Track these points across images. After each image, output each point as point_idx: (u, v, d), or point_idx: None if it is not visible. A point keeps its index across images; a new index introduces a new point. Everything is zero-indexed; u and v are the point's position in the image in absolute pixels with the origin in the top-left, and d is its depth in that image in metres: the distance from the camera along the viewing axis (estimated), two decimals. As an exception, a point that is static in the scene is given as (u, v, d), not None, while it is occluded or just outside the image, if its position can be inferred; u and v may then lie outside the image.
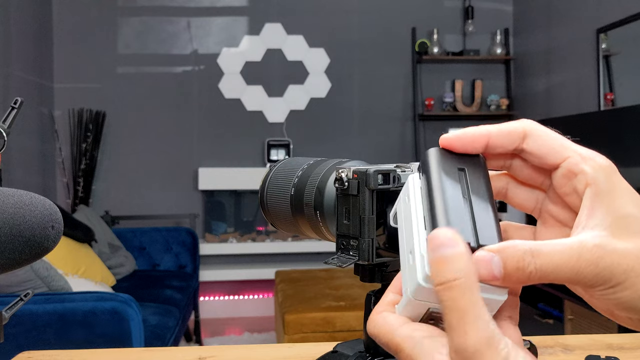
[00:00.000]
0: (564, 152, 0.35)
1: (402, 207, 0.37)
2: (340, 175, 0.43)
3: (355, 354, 0.48)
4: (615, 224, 0.33)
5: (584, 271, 0.31)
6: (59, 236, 0.49)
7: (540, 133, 0.36)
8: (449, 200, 0.33)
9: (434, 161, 0.35)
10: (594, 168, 0.34)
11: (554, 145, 0.35)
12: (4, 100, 3.20)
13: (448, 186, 0.34)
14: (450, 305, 0.29)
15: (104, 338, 1.87)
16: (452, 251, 0.29)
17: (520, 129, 0.36)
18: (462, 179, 0.35)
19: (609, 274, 0.32)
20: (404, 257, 0.35)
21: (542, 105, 4.09)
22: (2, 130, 0.52)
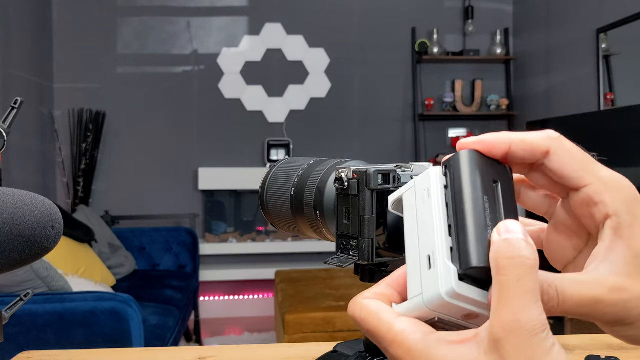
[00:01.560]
0: (586, 178, 0.34)
1: (415, 201, 0.34)
2: (340, 175, 0.43)
3: (355, 354, 0.48)
4: (633, 262, 0.32)
5: (602, 311, 0.32)
6: (59, 236, 0.49)
7: (563, 153, 0.34)
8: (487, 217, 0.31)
9: (470, 165, 0.33)
10: (615, 199, 0.33)
11: (576, 168, 0.34)
12: (4, 100, 3.20)
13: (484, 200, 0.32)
14: (511, 281, 0.28)
15: (104, 338, 1.87)
16: (526, 239, 0.30)
17: (544, 147, 0.34)
18: (496, 193, 0.33)
19: (624, 315, 0.32)
20: (415, 258, 0.33)
21: (542, 105, 4.09)
22: (2, 130, 0.52)
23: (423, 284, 0.31)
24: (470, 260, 0.30)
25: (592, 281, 0.32)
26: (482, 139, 0.35)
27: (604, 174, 0.34)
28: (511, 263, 0.29)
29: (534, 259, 0.29)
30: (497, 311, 0.29)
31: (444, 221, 0.32)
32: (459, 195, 0.32)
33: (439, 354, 0.30)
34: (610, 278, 0.32)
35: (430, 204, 0.33)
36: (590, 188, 0.34)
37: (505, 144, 0.34)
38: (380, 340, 0.32)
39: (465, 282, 0.30)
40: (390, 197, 0.37)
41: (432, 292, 0.30)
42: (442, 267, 0.30)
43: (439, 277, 0.30)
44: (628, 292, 0.32)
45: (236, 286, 4.23)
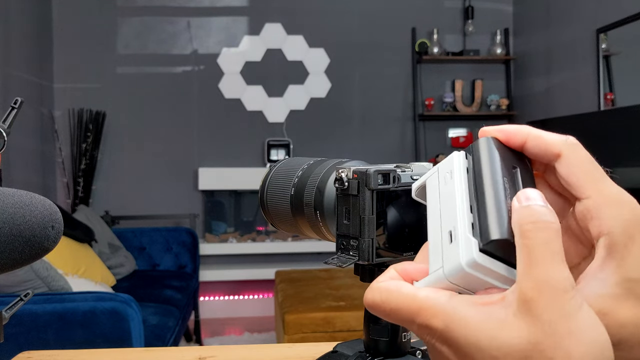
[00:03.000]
0: (588, 190, 0.33)
1: (437, 183, 0.35)
2: (340, 175, 0.43)
3: (355, 354, 0.48)
4: (621, 285, 0.32)
5: None
6: (59, 236, 0.49)
7: (573, 160, 0.34)
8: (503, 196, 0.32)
9: (490, 150, 0.34)
10: (612, 217, 0.32)
11: (582, 178, 0.34)
12: (4, 100, 3.20)
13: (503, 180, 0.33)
14: (542, 243, 0.29)
15: (104, 338, 1.87)
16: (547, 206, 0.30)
17: (557, 149, 0.34)
18: (516, 178, 0.34)
19: None
20: (437, 235, 0.33)
21: (542, 105, 4.09)
22: (2, 130, 0.52)
23: (444, 257, 0.32)
24: (491, 233, 0.31)
25: None
26: (503, 128, 0.35)
27: (608, 190, 0.33)
28: (536, 227, 0.29)
29: (557, 223, 0.30)
30: (526, 272, 0.29)
31: (466, 199, 0.33)
32: (479, 176, 0.33)
33: (467, 315, 0.30)
34: (593, 301, 0.32)
35: (453, 184, 0.34)
36: (590, 201, 0.33)
37: (523, 137, 0.35)
38: (405, 314, 0.32)
39: (488, 253, 0.31)
40: (414, 185, 0.37)
41: (454, 264, 0.31)
42: (463, 240, 0.31)
43: (460, 248, 0.31)
44: (608, 318, 0.31)
45: (236, 286, 4.23)
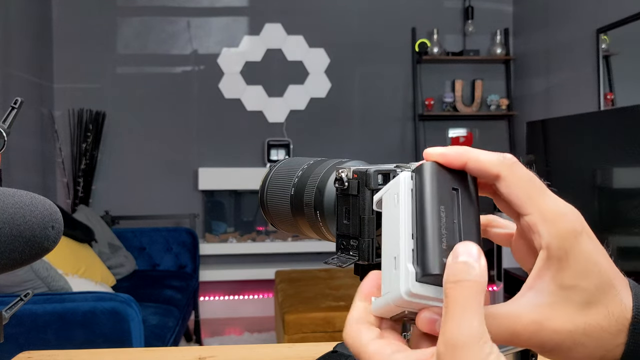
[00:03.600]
0: (528, 207, 0.36)
1: (389, 203, 0.37)
2: (340, 175, 0.43)
3: (355, 354, 0.48)
4: (557, 294, 0.35)
5: (519, 341, 0.35)
6: (59, 236, 0.49)
7: (511, 180, 0.36)
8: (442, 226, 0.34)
9: (430, 176, 0.36)
10: (550, 234, 0.35)
11: (521, 196, 0.36)
12: (4, 100, 3.20)
13: (442, 209, 0.35)
14: (456, 301, 0.31)
15: (104, 338, 1.87)
16: (474, 260, 0.32)
17: (495, 172, 0.36)
18: (455, 200, 0.36)
19: (541, 345, 0.35)
20: (387, 258, 0.36)
21: (542, 105, 4.09)
22: (2, 130, 0.52)
23: (391, 283, 0.35)
24: (427, 267, 0.34)
25: (510, 315, 0.35)
26: (444, 152, 0.37)
27: (546, 206, 0.35)
28: (456, 285, 0.31)
29: (480, 279, 0.31)
30: (441, 330, 0.31)
31: (409, 225, 0.35)
32: (420, 204, 0.35)
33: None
34: (529, 311, 0.35)
35: (398, 209, 0.36)
36: (530, 218, 0.36)
37: (462, 161, 0.37)
38: None
39: (424, 282, 0.34)
40: (375, 197, 0.40)
41: (395, 292, 0.34)
42: (403, 270, 0.34)
43: (401, 277, 0.34)
44: (543, 326, 0.35)
45: (236, 286, 4.23)
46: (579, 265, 0.35)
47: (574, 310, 0.35)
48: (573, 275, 0.35)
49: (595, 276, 0.35)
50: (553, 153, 3.41)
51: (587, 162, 2.94)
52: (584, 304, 0.35)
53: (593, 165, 2.92)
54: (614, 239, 2.77)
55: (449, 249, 0.34)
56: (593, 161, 2.92)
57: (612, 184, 2.85)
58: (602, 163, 2.88)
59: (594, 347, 0.36)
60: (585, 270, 0.35)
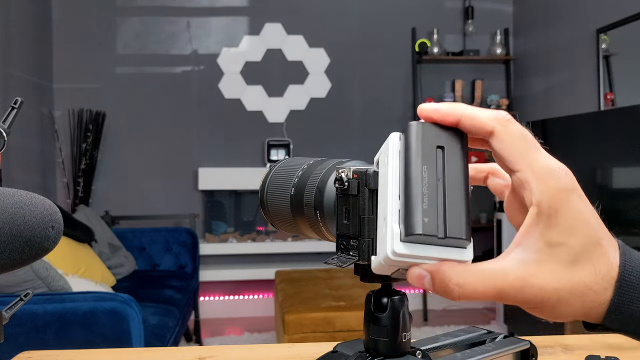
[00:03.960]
0: (520, 164, 0.36)
1: (381, 164, 0.38)
2: (340, 175, 0.43)
3: (355, 354, 0.48)
4: (544, 250, 0.35)
5: (505, 297, 0.35)
6: (59, 236, 0.49)
7: (505, 136, 0.36)
8: (424, 185, 0.35)
9: (414, 137, 0.36)
10: (540, 191, 0.35)
11: (513, 153, 0.36)
12: (4, 100, 3.20)
13: (424, 169, 0.35)
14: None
15: (104, 338, 1.87)
16: None
17: (489, 128, 0.36)
18: (440, 159, 0.36)
19: (526, 302, 0.36)
20: (379, 219, 0.37)
21: (542, 105, 4.09)
22: (2, 130, 0.52)
23: (381, 243, 0.37)
24: (409, 228, 0.35)
25: (497, 272, 0.35)
26: (438, 108, 0.37)
27: (538, 163, 0.36)
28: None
29: None
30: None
31: (396, 187, 0.36)
32: (405, 164, 0.36)
33: None
34: (515, 268, 0.35)
35: (387, 170, 0.37)
36: (522, 174, 0.36)
37: (456, 117, 0.37)
38: None
39: (408, 241, 0.35)
40: (375, 157, 0.41)
41: (384, 252, 0.36)
42: (389, 230, 0.35)
43: (387, 239, 0.35)
44: (528, 283, 0.35)
45: (236, 286, 4.23)
46: (567, 223, 0.35)
47: (560, 267, 0.35)
48: (561, 233, 0.35)
49: (583, 234, 0.35)
50: (553, 153, 3.40)
51: (587, 162, 2.94)
52: (570, 262, 0.35)
53: (593, 165, 2.92)
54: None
55: (430, 208, 0.34)
56: (593, 161, 2.92)
57: (612, 184, 2.85)
58: (602, 163, 2.88)
59: (579, 304, 0.36)
60: (574, 228, 0.35)
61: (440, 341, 0.59)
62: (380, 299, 0.46)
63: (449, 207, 0.35)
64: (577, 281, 0.35)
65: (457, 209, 0.35)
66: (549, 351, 0.88)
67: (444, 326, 3.88)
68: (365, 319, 0.47)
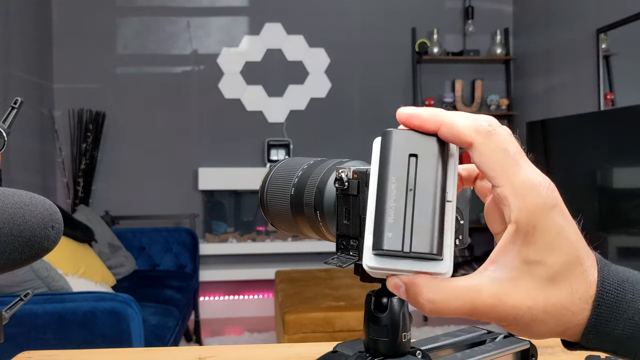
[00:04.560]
0: (500, 179, 0.35)
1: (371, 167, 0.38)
2: (340, 175, 0.43)
3: (355, 354, 0.48)
4: (519, 268, 0.35)
5: (478, 314, 0.35)
6: (59, 236, 0.49)
7: (484, 150, 0.35)
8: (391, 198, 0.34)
9: (387, 145, 0.36)
10: (519, 208, 0.34)
11: (493, 167, 0.35)
12: (4, 100, 3.20)
13: (392, 180, 0.35)
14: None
15: (104, 338, 1.87)
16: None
17: (469, 140, 0.35)
18: (413, 167, 0.35)
19: (499, 319, 0.35)
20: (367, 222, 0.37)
21: (542, 105, 4.09)
22: (2, 130, 0.52)
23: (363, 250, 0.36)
24: (377, 242, 0.34)
25: (470, 288, 0.35)
26: (417, 113, 0.36)
27: (519, 179, 0.34)
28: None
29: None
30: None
31: (373, 196, 0.36)
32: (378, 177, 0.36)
33: None
34: (489, 285, 0.35)
35: (370, 176, 0.37)
36: (501, 190, 0.35)
37: (436, 124, 0.36)
38: None
39: (378, 255, 0.35)
40: None
41: (363, 262, 0.36)
42: (366, 241, 0.35)
43: (364, 249, 0.35)
44: (501, 301, 0.34)
45: (236, 286, 4.23)
46: (545, 241, 0.34)
47: (536, 286, 0.34)
48: (539, 251, 0.34)
49: (563, 252, 0.34)
50: (553, 153, 3.41)
51: (587, 162, 2.94)
52: (546, 281, 0.35)
53: (593, 165, 2.92)
54: (613, 239, 2.77)
55: (396, 222, 0.34)
56: (593, 161, 2.92)
57: (612, 184, 2.85)
58: (602, 163, 2.88)
59: (554, 323, 0.35)
60: (552, 245, 0.34)
61: (440, 341, 0.59)
62: (380, 299, 0.46)
63: (416, 220, 0.34)
64: (553, 301, 0.35)
65: (425, 222, 0.34)
66: (549, 351, 0.88)
67: (444, 326, 3.87)
68: (365, 319, 0.47)
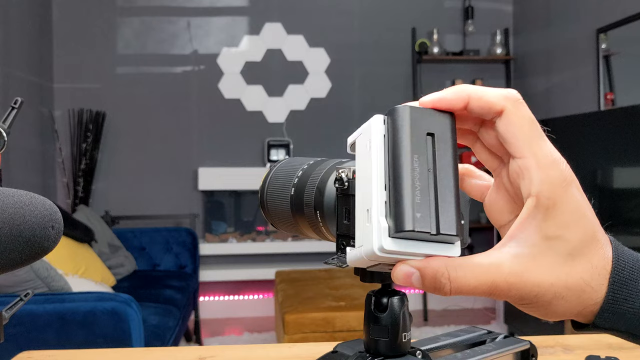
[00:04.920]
0: (523, 150, 0.34)
1: (361, 149, 0.35)
2: (340, 175, 0.43)
3: (355, 354, 0.48)
4: (540, 244, 0.34)
5: (498, 293, 0.33)
6: (59, 236, 0.49)
7: (513, 118, 0.35)
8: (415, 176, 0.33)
9: (403, 122, 0.34)
10: (541, 180, 0.34)
11: (519, 136, 0.34)
12: (4, 100, 3.20)
13: (415, 158, 0.33)
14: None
15: (104, 338, 1.87)
16: None
17: (499, 107, 0.35)
18: (430, 147, 0.34)
19: (520, 298, 0.34)
20: (359, 208, 0.34)
21: (542, 105, 4.09)
22: (2, 130, 0.52)
23: (364, 236, 0.33)
24: (399, 224, 0.32)
25: (490, 265, 0.33)
26: (441, 97, 0.35)
27: (542, 152, 0.34)
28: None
29: None
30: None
31: (381, 176, 0.33)
32: (392, 152, 0.33)
33: None
34: (510, 262, 0.33)
35: (370, 157, 0.34)
36: (523, 161, 0.34)
37: (464, 99, 0.35)
38: None
39: (397, 237, 0.32)
40: (349, 139, 0.38)
41: (368, 247, 0.33)
42: (375, 224, 0.32)
43: (374, 232, 0.32)
44: (523, 278, 0.33)
45: (236, 286, 4.23)
46: (565, 216, 0.34)
47: (557, 261, 0.34)
48: (558, 226, 0.34)
49: (581, 228, 0.34)
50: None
51: (587, 162, 2.94)
52: (567, 256, 0.34)
53: (593, 165, 2.92)
54: (614, 239, 2.76)
55: (422, 202, 0.32)
56: (593, 161, 2.92)
57: (612, 184, 2.85)
58: (602, 163, 2.88)
59: (575, 300, 0.35)
60: (571, 221, 0.34)
61: (441, 341, 0.59)
62: (380, 299, 0.46)
63: (440, 201, 0.33)
64: (575, 277, 0.34)
65: (449, 203, 0.33)
66: (549, 351, 0.88)
67: (444, 326, 3.87)
68: (365, 319, 0.47)
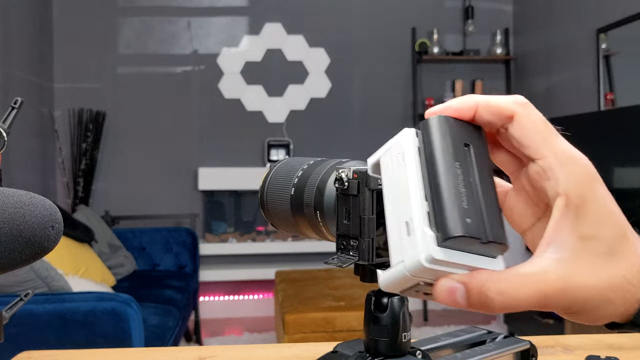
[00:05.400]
0: (543, 150, 0.33)
1: (391, 164, 0.34)
2: (340, 175, 0.43)
3: (355, 354, 0.48)
4: (577, 246, 0.32)
5: (548, 302, 0.32)
6: (59, 236, 0.49)
7: (526, 121, 0.34)
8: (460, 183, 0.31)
9: (439, 132, 0.33)
10: (567, 178, 0.33)
11: (535, 138, 0.34)
12: (4, 100, 3.20)
13: (457, 165, 0.32)
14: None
15: (104, 338, 1.87)
16: None
17: (509, 111, 0.34)
18: (468, 157, 0.33)
19: (568, 307, 0.32)
20: (394, 224, 0.32)
21: (542, 105, 4.09)
22: (2, 130, 0.52)
23: (404, 250, 0.31)
24: (450, 229, 0.30)
25: (536, 274, 0.32)
26: (450, 105, 0.35)
27: (562, 150, 0.33)
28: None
29: None
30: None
31: (420, 186, 0.32)
32: (431, 161, 0.32)
33: None
34: (554, 269, 0.32)
35: (405, 168, 0.33)
36: (545, 162, 0.33)
37: (472, 108, 0.34)
38: None
39: (446, 246, 0.30)
40: (369, 160, 0.36)
41: (413, 259, 0.31)
42: (420, 234, 0.31)
43: (418, 243, 0.31)
44: (569, 283, 0.32)
45: (236, 286, 4.23)
46: (595, 214, 0.32)
47: (597, 262, 0.32)
48: (592, 224, 0.32)
49: (612, 225, 0.33)
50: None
51: (587, 162, 2.94)
52: (605, 256, 0.32)
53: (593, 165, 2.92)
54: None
55: (470, 209, 0.31)
56: (593, 161, 2.92)
57: (612, 184, 2.85)
58: (602, 163, 2.88)
59: (620, 302, 0.33)
60: (602, 218, 0.32)
61: (441, 341, 0.59)
62: (380, 299, 0.46)
63: (485, 208, 0.31)
64: (617, 276, 0.32)
65: (495, 212, 0.31)
66: (549, 351, 0.88)
67: (444, 326, 3.87)
68: (365, 319, 0.47)
